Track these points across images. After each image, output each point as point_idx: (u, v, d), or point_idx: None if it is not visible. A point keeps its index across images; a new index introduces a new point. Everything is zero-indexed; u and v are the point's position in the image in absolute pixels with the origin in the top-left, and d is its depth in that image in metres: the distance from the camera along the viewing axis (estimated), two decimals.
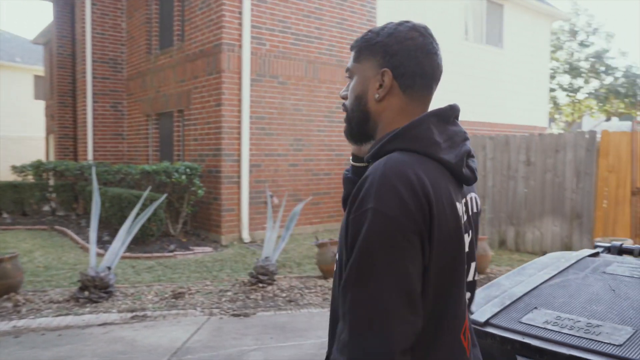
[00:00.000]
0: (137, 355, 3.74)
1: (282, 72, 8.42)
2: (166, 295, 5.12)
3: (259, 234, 8.18)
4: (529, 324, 1.37)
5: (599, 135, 6.75)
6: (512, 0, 12.40)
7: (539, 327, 1.35)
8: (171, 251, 7.09)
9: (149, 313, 4.62)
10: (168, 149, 9.47)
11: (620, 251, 1.86)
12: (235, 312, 4.68)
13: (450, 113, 1.10)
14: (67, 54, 11.98)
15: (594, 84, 22.35)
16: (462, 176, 1.07)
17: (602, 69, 21.85)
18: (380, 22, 9.72)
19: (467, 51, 11.60)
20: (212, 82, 8.01)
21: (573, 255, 1.79)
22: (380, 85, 1.10)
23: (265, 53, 8.21)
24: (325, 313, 4.75)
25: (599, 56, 21.72)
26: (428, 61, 1.09)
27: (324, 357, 1.19)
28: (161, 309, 4.77)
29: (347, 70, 1.18)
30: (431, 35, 1.12)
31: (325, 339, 4.06)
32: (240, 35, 7.91)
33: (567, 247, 6.82)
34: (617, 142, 6.73)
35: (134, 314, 4.60)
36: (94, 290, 4.95)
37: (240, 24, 7.88)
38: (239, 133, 7.93)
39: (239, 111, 7.93)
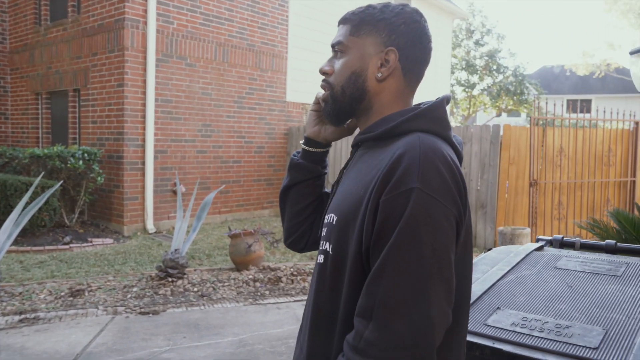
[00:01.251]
0: None
1: (191, 53, 7.98)
2: (62, 294, 4.62)
3: (165, 224, 7.73)
4: (497, 327, 1.29)
5: (502, 129, 7.10)
6: None
7: (507, 329, 1.27)
8: (66, 243, 6.47)
9: (41, 315, 4.12)
10: (62, 132, 8.63)
11: (562, 244, 1.87)
12: (143, 310, 4.33)
13: (449, 101, 1.08)
14: None
15: (487, 81, 23.83)
16: (460, 164, 1.03)
17: (494, 67, 23.34)
18: (293, 6, 9.52)
19: None
20: (113, 61, 7.38)
21: (520, 250, 1.76)
22: (382, 64, 1.04)
23: (173, 32, 7.72)
24: (241, 308, 4.54)
25: (491, 55, 23.15)
26: (428, 48, 1.08)
27: (242, 357, 1.08)
28: (56, 309, 4.28)
29: (339, 43, 1.08)
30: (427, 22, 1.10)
31: (243, 335, 3.87)
32: (145, 11, 7.35)
33: (473, 235, 7.14)
34: (518, 136, 7.13)
35: (23, 316, 4.08)
36: None
37: None
38: (144, 116, 7.40)
39: (144, 93, 7.39)
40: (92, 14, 7.76)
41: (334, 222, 0.99)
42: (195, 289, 4.94)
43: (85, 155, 6.94)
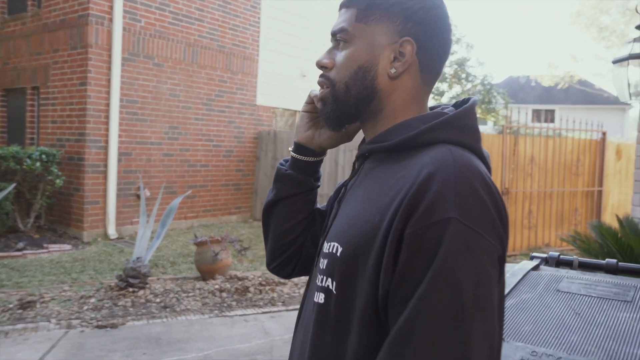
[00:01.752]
0: None
1: (159, 53, 7.69)
2: (10, 306, 4.28)
3: (128, 230, 7.40)
4: None
5: None
6: None
7: None
8: (20, 250, 6.08)
9: None
10: (19, 131, 8.19)
11: (558, 262, 1.74)
12: (100, 323, 4.04)
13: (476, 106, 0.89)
14: None
15: (457, 89, 24.10)
16: None
17: (464, 76, 23.64)
18: (265, 7, 9.33)
19: None
20: (76, 58, 7.04)
21: (516, 269, 1.61)
22: (396, 58, 0.85)
23: (140, 30, 7.42)
24: (206, 320, 4.31)
25: (461, 64, 23.44)
26: (449, 40, 0.88)
27: None
28: (3, 323, 3.96)
29: (342, 30, 0.87)
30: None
31: (208, 351, 3.64)
32: (111, 7, 7.04)
33: None
34: (490, 144, 7.10)
35: None
36: None
37: None
38: (107, 117, 7.07)
39: (108, 93, 7.07)
40: (53, 8, 7.40)
41: (337, 254, 0.79)
42: (158, 300, 4.67)
43: (43, 156, 6.57)
